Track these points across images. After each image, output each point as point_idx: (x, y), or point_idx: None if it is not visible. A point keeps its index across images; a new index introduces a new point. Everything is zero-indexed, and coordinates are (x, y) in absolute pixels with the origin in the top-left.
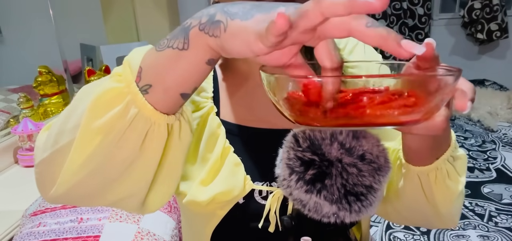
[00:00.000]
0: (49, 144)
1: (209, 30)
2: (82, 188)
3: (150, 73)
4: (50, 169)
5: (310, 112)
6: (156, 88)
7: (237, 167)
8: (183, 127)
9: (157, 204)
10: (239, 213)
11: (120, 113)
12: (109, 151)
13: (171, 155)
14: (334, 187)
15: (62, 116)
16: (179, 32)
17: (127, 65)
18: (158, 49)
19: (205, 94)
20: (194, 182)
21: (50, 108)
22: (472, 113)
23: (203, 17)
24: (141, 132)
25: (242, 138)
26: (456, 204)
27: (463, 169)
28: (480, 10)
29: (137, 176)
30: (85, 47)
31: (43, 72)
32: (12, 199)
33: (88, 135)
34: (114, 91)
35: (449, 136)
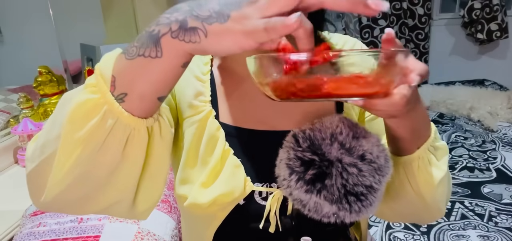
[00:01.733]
0: (36, 155)
1: (185, 37)
2: (69, 195)
3: (124, 82)
4: (39, 178)
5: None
6: (132, 96)
7: (237, 169)
8: (162, 125)
9: (147, 205)
10: (239, 215)
11: (98, 123)
12: (91, 159)
13: (155, 154)
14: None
15: (46, 126)
16: (147, 39)
17: (99, 75)
18: (128, 57)
19: (203, 97)
20: (194, 185)
21: (50, 108)
22: (472, 113)
23: (172, 24)
24: (121, 139)
25: (241, 140)
26: (438, 191)
27: (443, 158)
28: (480, 10)
29: (122, 181)
30: (85, 47)
31: (43, 72)
32: (12, 199)
33: (69, 147)
34: (90, 103)
35: (427, 127)
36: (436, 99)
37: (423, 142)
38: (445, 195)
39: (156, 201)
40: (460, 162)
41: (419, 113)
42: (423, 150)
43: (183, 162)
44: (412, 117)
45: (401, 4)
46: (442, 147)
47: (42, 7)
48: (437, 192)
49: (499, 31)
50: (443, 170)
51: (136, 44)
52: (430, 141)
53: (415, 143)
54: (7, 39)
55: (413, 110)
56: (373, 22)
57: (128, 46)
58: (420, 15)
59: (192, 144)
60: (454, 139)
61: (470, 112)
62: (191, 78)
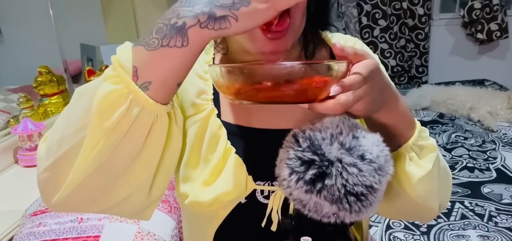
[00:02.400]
0: (52, 151)
1: (214, 26)
2: (88, 188)
3: (148, 71)
4: (55, 175)
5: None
6: (156, 83)
7: (239, 167)
8: (176, 112)
9: (160, 193)
10: (241, 213)
11: (124, 112)
12: (114, 148)
13: (172, 141)
14: (334, 187)
15: (61, 122)
16: (171, 31)
17: (120, 66)
18: (149, 48)
19: (205, 96)
20: (196, 183)
21: (50, 108)
22: (472, 113)
23: (200, 16)
24: (146, 126)
25: (243, 139)
26: (419, 188)
27: (426, 157)
28: (480, 10)
29: (142, 168)
30: (85, 47)
31: (43, 72)
32: (12, 199)
33: (97, 136)
34: (116, 93)
35: (410, 128)
36: (436, 99)
37: (404, 141)
38: (434, 193)
39: (164, 190)
40: (460, 162)
41: (396, 115)
42: (405, 148)
43: (185, 161)
44: (386, 119)
45: (401, 4)
46: (428, 146)
47: (42, 7)
48: (418, 189)
49: (499, 31)
50: (425, 169)
51: (156, 36)
52: (413, 140)
53: (394, 142)
54: (7, 39)
55: (384, 113)
56: (373, 22)
57: (144, 38)
58: (420, 15)
59: (194, 142)
60: (454, 139)
61: (470, 112)
62: (193, 77)
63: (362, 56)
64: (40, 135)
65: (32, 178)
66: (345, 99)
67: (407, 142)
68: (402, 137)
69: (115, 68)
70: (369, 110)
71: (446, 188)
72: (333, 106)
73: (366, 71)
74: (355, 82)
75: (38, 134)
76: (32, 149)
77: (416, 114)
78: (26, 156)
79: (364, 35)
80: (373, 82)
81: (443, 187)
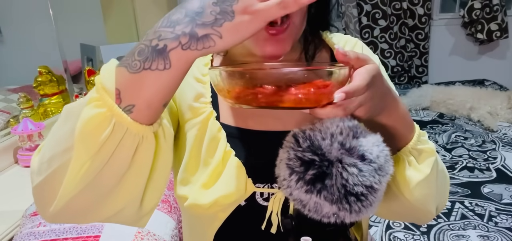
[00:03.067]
0: (43, 168)
1: (197, 46)
2: (79, 203)
3: (131, 94)
4: (48, 190)
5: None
6: (140, 106)
7: (238, 170)
8: (165, 128)
9: (151, 205)
10: (240, 215)
11: (108, 136)
12: (100, 169)
13: (161, 157)
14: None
15: (51, 139)
16: (152, 54)
17: (102, 89)
18: (131, 71)
19: (203, 99)
20: (195, 185)
21: (50, 108)
22: (472, 113)
23: (181, 38)
24: (131, 147)
25: (243, 141)
26: (417, 192)
27: (425, 161)
28: (480, 10)
29: (131, 186)
30: (85, 47)
31: (43, 72)
32: (12, 199)
33: (81, 160)
34: (99, 117)
35: (408, 130)
36: (436, 99)
37: (403, 145)
38: (431, 197)
39: (158, 202)
40: (460, 162)
41: (395, 118)
42: (403, 152)
43: (185, 164)
44: (386, 122)
45: (401, 4)
46: (427, 150)
47: (42, 7)
48: (416, 193)
49: (499, 31)
50: (423, 173)
51: (138, 58)
52: (412, 144)
53: (394, 145)
54: (7, 39)
55: (384, 117)
56: (373, 22)
57: (127, 59)
58: (420, 15)
59: (194, 146)
60: (454, 139)
61: (470, 112)
62: (191, 80)
63: (364, 61)
64: (40, 135)
65: None
66: (347, 104)
67: (406, 145)
68: (402, 140)
69: (98, 90)
70: (369, 115)
71: (444, 191)
72: (336, 112)
73: (369, 77)
74: (359, 89)
75: (38, 134)
76: (32, 149)
77: (416, 114)
78: (26, 156)
79: (364, 35)
80: (375, 88)
81: (441, 190)
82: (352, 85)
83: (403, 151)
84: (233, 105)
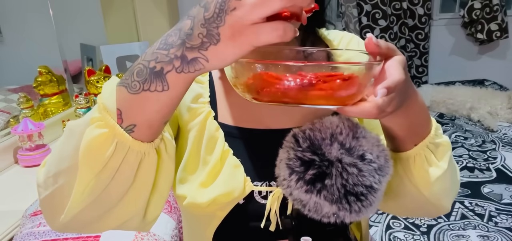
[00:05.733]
0: (49, 183)
1: (189, 69)
2: (85, 216)
3: (131, 115)
4: (54, 204)
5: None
6: (141, 126)
7: (236, 169)
8: (166, 142)
9: (155, 214)
10: (239, 214)
11: (111, 155)
12: (105, 186)
13: (163, 170)
14: (334, 187)
15: (56, 155)
16: (150, 76)
17: (104, 109)
18: (131, 92)
19: (202, 99)
20: (193, 185)
21: (50, 108)
22: (472, 113)
23: (174, 61)
24: (134, 164)
25: (241, 139)
26: (436, 187)
27: (443, 155)
28: (480, 10)
29: (134, 199)
30: (85, 47)
31: (43, 72)
32: (12, 199)
33: (86, 179)
34: (101, 138)
35: (426, 124)
36: (436, 99)
37: (421, 139)
38: (447, 192)
39: (161, 211)
40: (460, 162)
41: (414, 111)
42: (421, 147)
43: (184, 164)
44: (405, 116)
45: (401, 4)
46: (444, 144)
47: (42, 7)
48: (434, 189)
49: (499, 31)
50: (441, 168)
51: (137, 79)
52: (429, 138)
53: (411, 140)
54: (7, 39)
55: (404, 110)
56: (373, 22)
57: (127, 78)
58: (420, 15)
59: (193, 146)
60: (454, 139)
61: (470, 112)
62: None
63: (394, 51)
64: (40, 135)
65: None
66: (382, 102)
67: (424, 139)
68: (421, 133)
69: (100, 110)
70: (396, 110)
71: (456, 184)
72: (371, 109)
73: (403, 70)
74: (399, 83)
75: (38, 134)
76: (32, 149)
77: None
78: (26, 156)
79: (364, 35)
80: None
81: (454, 184)
82: (392, 79)
83: (420, 146)
84: (251, 101)
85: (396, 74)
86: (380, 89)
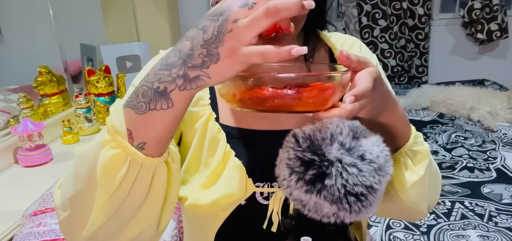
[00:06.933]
0: (67, 205)
1: (192, 86)
2: (103, 232)
3: (141, 133)
4: (75, 223)
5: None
6: (150, 143)
7: (238, 170)
8: (172, 153)
9: (167, 221)
10: (241, 215)
11: (125, 173)
12: (121, 203)
13: (173, 180)
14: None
15: (71, 179)
16: (155, 96)
17: (115, 131)
18: (138, 112)
19: (202, 102)
20: (194, 186)
21: (50, 108)
22: (472, 113)
23: (177, 80)
24: (147, 179)
25: (242, 140)
26: (412, 192)
27: (420, 162)
28: (480, 10)
29: (148, 211)
30: (85, 47)
31: (43, 72)
32: (12, 199)
33: (105, 197)
34: (115, 157)
35: (406, 133)
36: (436, 99)
37: (400, 145)
38: (425, 197)
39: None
40: (460, 162)
41: (394, 120)
42: (399, 153)
43: (186, 166)
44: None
45: (401, 4)
46: (422, 151)
47: (42, 7)
48: (411, 193)
49: (499, 31)
50: (418, 174)
51: (142, 100)
52: (408, 145)
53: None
54: (7, 39)
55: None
56: (373, 22)
57: (133, 100)
58: (420, 15)
59: (195, 148)
60: (454, 139)
61: (470, 112)
62: None
63: (365, 64)
64: (40, 135)
65: (32, 178)
66: (351, 108)
67: (403, 146)
68: (399, 141)
69: (110, 133)
70: (370, 116)
71: (436, 190)
72: (339, 115)
73: (372, 80)
74: (366, 92)
75: (38, 134)
76: (32, 149)
77: (416, 114)
78: (26, 156)
79: (364, 35)
80: (376, 90)
81: (433, 190)
82: (359, 88)
83: (399, 152)
84: (236, 108)
85: (363, 83)
86: (347, 97)
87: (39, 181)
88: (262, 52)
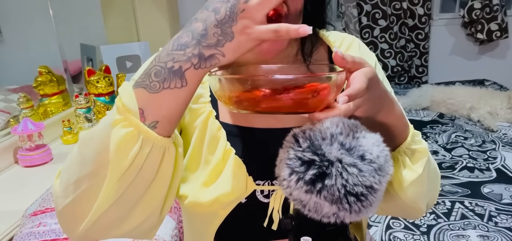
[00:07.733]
0: (70, 190)
1: (206, 65)
2: (107, 218)
3: (154, 112)
4: (75, 211)
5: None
6: (163, 121)
7: (239, 168)
8: (177, 137)
9: (167, 210)
10: (241, 213)
11: (137, 152)
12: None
13: (178, 164)
14: (334, 187)
15: (75, 163)
16: (170, 74)
17: (126, 111)
18: (151, 91)
19: (202, 99)
20: (195, 184)
21: (50, 108)
22: (472, 113)
23: (192, 59)
24: (157, 159)
25: (243, 139)
26: (410, 191)
27: (418, 160)
28: (480, 10)
29: (154, 195)
30: (85, 47)
31: (43, 72)
32: (12, 199)
33: (116, 176)
34: (128, 136)
35: (403, 131)
36: (436, 99)
37: (398, 144)
38: (422, 195)
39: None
40: (460, 162)
41: (392, 119)
42: (398, 152)
43: (186, 164)
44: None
45: (401, 4)
46: (420, 150)
47: (42, 7)
48: (409, 192)
49: (499, 31)
50: (416, 173)
51: (156, 79)
52: (406, 144)
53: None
54: (7, 39)
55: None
56: (373, 22)
57: (144, 80)
58: (420, 15)
59: (195, 146)
60: (454, 139)
61: (470, 112)
62: None
63: (360, 64)
64: (40, 135)
65: (32, 178)
66: (346, 108)
67: (401, 145)
68: (397, 139)
69: (121, 112)
70: (366, 115)
71: (435, 189)
72: (334, 115)
73: (367, 80)
74: (360, 92)
75: (38, 134)
76: (32, 149)
77: (416, 114)
78: (26, 156)
79: (364, 35)
80: (372, 90)
81: (432, 188)
82: (353, 88)
83: (397, 151)
84: (233, 110)
85: (357, 83)
86: (341, 97)
87: (39, 181)
88: (275, 29)
